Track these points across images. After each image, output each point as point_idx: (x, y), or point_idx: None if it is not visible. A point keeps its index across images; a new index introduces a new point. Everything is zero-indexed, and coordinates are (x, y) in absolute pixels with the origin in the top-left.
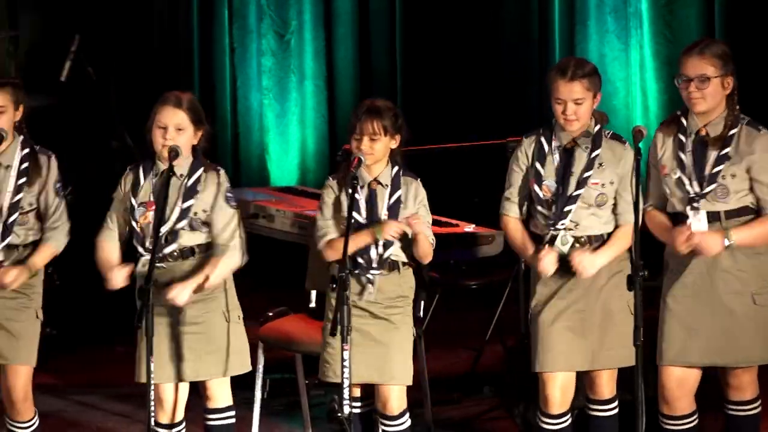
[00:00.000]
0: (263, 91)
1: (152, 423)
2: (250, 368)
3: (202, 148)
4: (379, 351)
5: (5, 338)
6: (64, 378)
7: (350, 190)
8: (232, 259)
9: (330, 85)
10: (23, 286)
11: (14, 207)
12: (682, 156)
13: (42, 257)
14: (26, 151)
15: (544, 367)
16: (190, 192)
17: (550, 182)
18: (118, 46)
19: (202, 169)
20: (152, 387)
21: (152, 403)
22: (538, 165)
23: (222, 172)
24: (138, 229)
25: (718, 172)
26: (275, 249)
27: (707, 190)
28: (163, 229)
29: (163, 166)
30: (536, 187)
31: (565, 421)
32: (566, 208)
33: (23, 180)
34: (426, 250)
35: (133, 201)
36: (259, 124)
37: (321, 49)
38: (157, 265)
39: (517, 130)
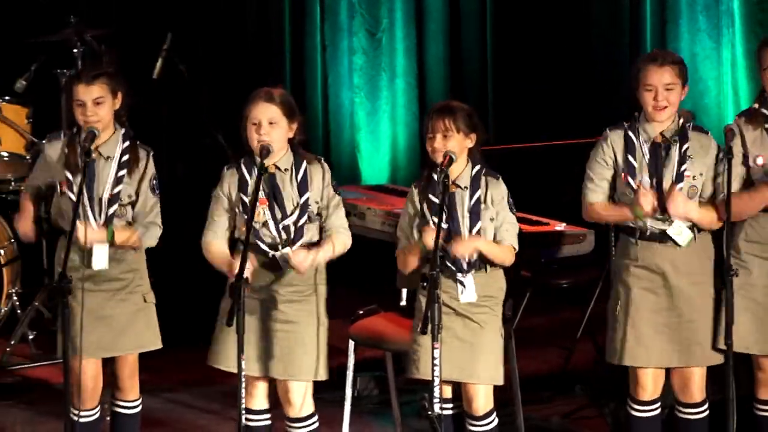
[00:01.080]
0: (354, 89)
1: (243, 422)
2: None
3: (299, 141)
4: (463, 349)
5: (109, 331)
6: (156, 376)
7: (441, 189)
8: (346, 237)
9: (421, 83)
10: (125, 272)
11: (114, 198)
12: None
13: (124, 235)
14: (127, 143)
15: (637, 361)
16: (303, 186)
17: (644, 177)
18: (210, 44)
19: (305, 161)
20: (243, 384)
21: (243, 399)
22: (630, 158)
23: (323, 161)
24: (256, 227)
25: None
26: (366, 247)
27: None
28: (285, 223)
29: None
30: (630, 180)
31: (656, 409)
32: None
33: (123, 172)
34: (500, 259)
35: (245, 198)
36: (350, 122)
37: (412, 46)
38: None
39: None
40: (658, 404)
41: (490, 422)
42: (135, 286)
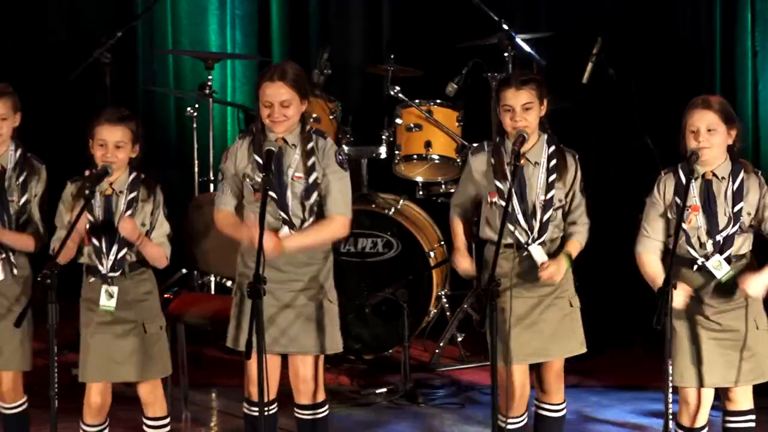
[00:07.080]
0: None
1: (670, 427)
2: None
3: (738, 149)
4: None
5: (539, 337)
6: (587, 379)
7: None
8: None
9: None
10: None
11: (548, 204)
12: None
13: (574, 246)
14: (552, 148)
15: None
16: (738, 195)
17: None
18: (640, 48)
19: (743, 170)
20: (669, 389)
21: (670, 405)
22: None
23: (760, 174)
24: (687, 235)
25: None
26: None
27: None
28: (719, 237)
29: (701, 169)
30: None
31: None
32: None
33: (553, 177)
34: None
35: (679, 203)
36: None
37: None
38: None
39: None
40: None
41: None
42: (562, 291)
